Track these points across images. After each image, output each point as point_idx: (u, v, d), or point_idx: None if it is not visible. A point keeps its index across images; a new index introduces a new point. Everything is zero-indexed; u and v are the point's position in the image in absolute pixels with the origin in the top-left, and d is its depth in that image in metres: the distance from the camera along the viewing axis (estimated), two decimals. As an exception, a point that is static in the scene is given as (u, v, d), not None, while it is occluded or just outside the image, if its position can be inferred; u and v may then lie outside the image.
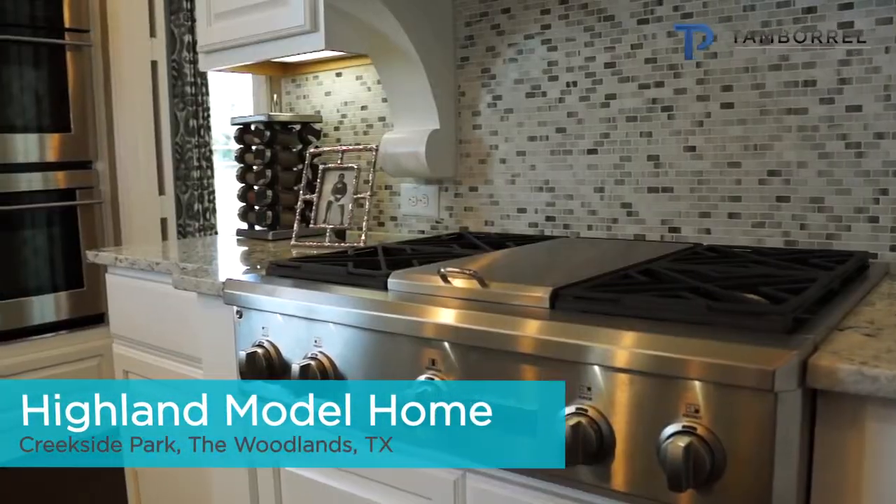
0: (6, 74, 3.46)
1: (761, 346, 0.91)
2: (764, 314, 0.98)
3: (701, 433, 0.92)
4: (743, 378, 0.89)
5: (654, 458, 0.96)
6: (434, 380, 1.16)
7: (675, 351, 0.94)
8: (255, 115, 2.41)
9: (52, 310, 3.67)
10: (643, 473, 0.98)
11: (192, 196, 4.01)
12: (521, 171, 2.05)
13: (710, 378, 0.92)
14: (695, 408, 0.93)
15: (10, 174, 3.48)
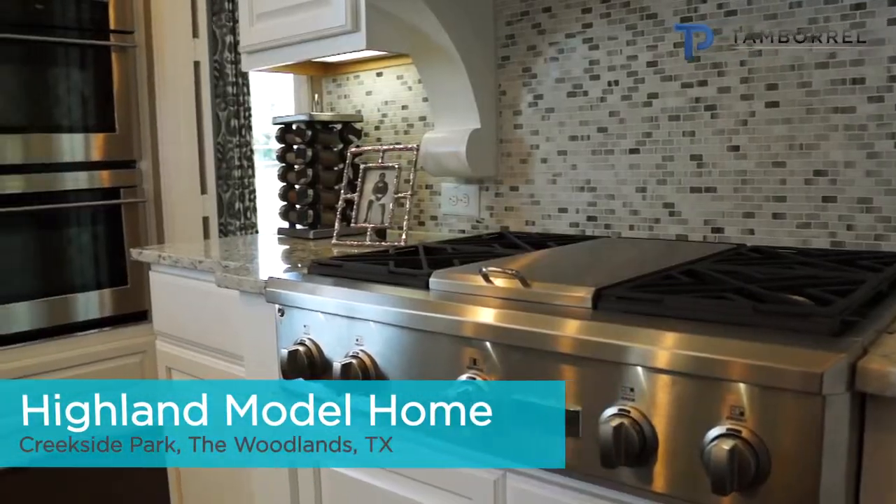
0: (53, 76, 3.52)
1: (808, 348, 0.89)
2: (811, 316, 0.97)
3: (745, 436, 0.91)
4: (789, 381, 0.88)
5: (697, 461, 0.95)
6: (475, 379, 1.16)
7: (720, 352, 0.93)
8: (297, 114, 2.43)
9: (96, 307, 3.72)
10: (686, 476, 0.97)
11: (234, 195, 4.05)
12: (563, 171, 2.04)
13: (756, 380, 0.91)
14: (739, 410, 0.92)
15: (56, 173, 3.55)
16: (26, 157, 3.46)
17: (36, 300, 3.55)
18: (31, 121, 3.47)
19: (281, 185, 2.47)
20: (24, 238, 3.48)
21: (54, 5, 3.48)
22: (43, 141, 3.51)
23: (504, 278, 1.24)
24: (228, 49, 4.01)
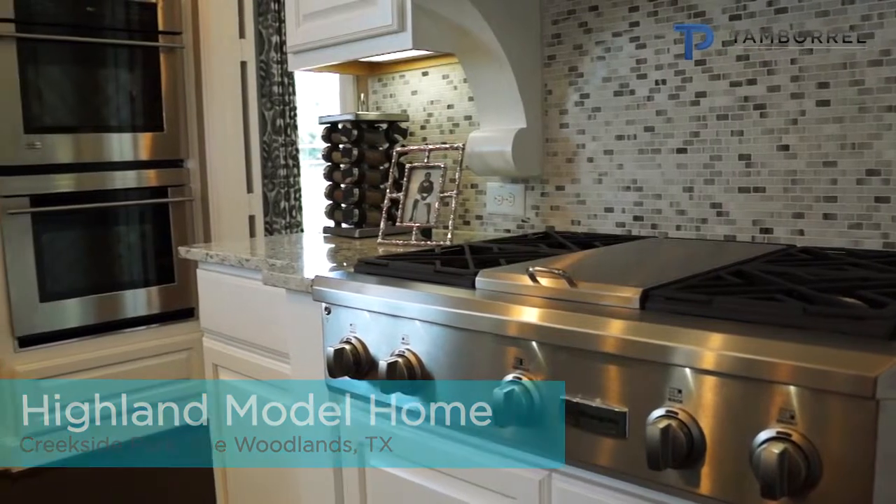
0: (103, 76, 3.58)
1: (861, 351, 0.88)
2: (864, 318, 0.95)
3: (796, 440, 0.90)
4: (842, 384, 0.86)
5: (745, 464, 0.94)
6: (521, 379, 1.16)
7: (771, 355, 0.92)
8: (343, 114, 2.44)
9: (144, 304, 3.79)
10: (734, 479, 0.96)
11: (279, 194, 4.09)
12: (609, 171, 2.03)
13: (807, 383, 0.89)
14: (790, 414, 0.91)
15: (105, 172, 3.61)
16: (77, 157, 3.54)
17: (86, 297, 3.62)
18: (81, 121, 3.55)
19: (327, 183, 2.49)
20: (74, 236, 3.55)
21: (104, 7, 3.55)
22: (93, 141, 3.58)
23: (551, 278, 1.23)
24: (274, 49, 4.05)
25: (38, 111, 3.42)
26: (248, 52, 3.95)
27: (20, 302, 3.40)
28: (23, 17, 3.34)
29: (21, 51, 3.34)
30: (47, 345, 3.50)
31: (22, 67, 3.35)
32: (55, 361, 3.50)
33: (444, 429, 1.36)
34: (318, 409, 1.66)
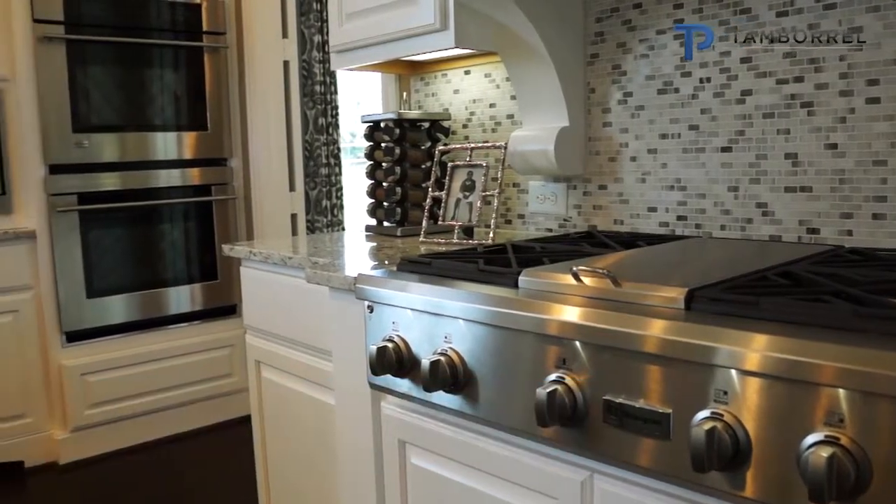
0: (148, 76, 3.63)
1: (914, 353, 0.86)
2: (916, 321, 0.93)
3: (845, 444, 0.88)
4: (892, 387, 0.85)
5: (793, 468, 0.92)
6: (564, 379, 1.16)
7: (819, 357, 0.90)
8: (385, 112, 2.45)
9: (187, 300, 3.84)
10: (780, 483, 0.94)
11: (321, 192, 4.11)
12: (652, 170, 2.01)
13: (857, 387, 0.88)
14: (839, 417, 0.89)
15: (150, 171, 3.67)
16: (123, 156, 3.60)
17: (131, 293, 3.68)
18: (127, 120, 3.60)
19: (369, 182, 2.50)
20: (120, 234, 3.61)
21: (150, 9, 3.60)
22: (138, 140, 3.64)
23: (595, 278, 1.23)
24: (316, 48, 4.07)
25: (85, 111, 3.48)
26: (291, 52, 3.99)
27: (68, 298, 3.46)
28: (72, 19, 3.40)
29: (70, 52, 3.41)
30: (93, 340, 3.57)
31: (71, 68, 3.42)
32: (101, 356, 3.56)
33: (485, 428, 1.37)
34: (360, 406, 1.67)
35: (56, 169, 3.43)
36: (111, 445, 3.60)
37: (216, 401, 3.87)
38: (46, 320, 3.43)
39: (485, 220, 2.15)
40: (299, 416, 2.09)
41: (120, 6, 3.54)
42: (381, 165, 2.44)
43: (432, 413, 1.47)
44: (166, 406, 3.74)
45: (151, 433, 3.71)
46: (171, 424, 3.77)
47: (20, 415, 3.39)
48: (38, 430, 3.45)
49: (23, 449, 3.42)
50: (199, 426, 3.84)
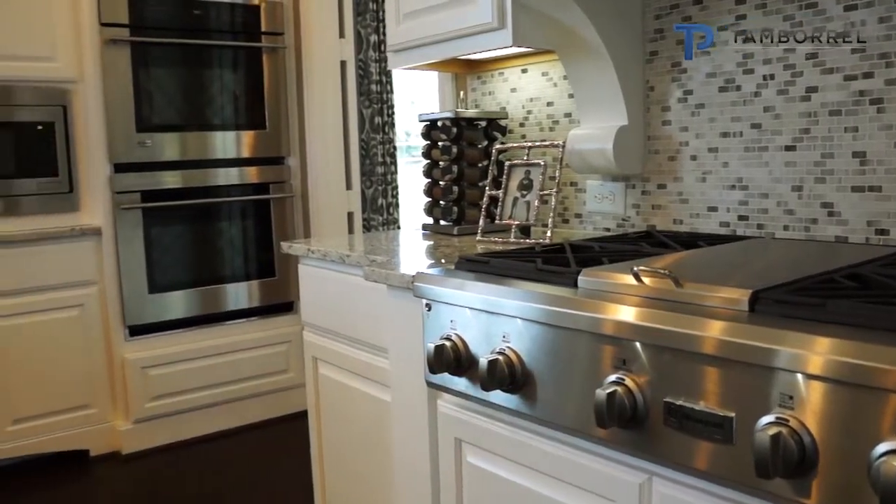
0: (208, 77, 3.69)
1: None
2: None
3: (919, 453, 0.86)
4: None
5: (862, 477, 0.90)
6: (624, 380, 1.14)
7: (890, 362, 0.88)
8: (442, 111, 2.45)
9: (245, 297, 3.89)
10: (849, 492, 0.92)
11: (377, 191, 4.14)
12: (713, 169, 1.98)
13: (929, 393, 0.85)
14: (911, 424, 0.87)
15: (210, 169, 3.73)
16: (183, 154, 3.66)
17: (191, 289, 3.74)
18: (188, 120, 3.67)
19: (426, 181, 2.51)
20: (180, 230, 3.68)
21: (210, 10, 3.66)
22: (199, 139, 3.70)
23: (656, 278, 1.21)
24: (373, 48, 4.09)
25: (148, 111, 3.55)
26: (348, 52, 4.01)
27: (131, 293, 3.54)
28: (136, 21, 3.48)
29: (134, 54, 3.48)
30: (155, 334, 3.64)
31: (135, 70, 3.49)
32: (162, 351, 3.63)
33: (542, 428, 1.36)
34: (417, 404, 1.68)
35: (120, 168, 3.50)
36: (171, 437, 3.67)
37: (273, 396, 3.92)
38: (110, 315, 3.51)
39: (542, 220, 2.14)
40: (355, 413, 2.10)
41: (181, 9, 3.60)
42: (438, 164, 2.44)
43: (489, 412, 1.47)
44: (224, 400, 3.79)
45: (209, 426, 3.77)
46: (228, 418, 3.82)
47: (85, 405, 3.48)
48: (102, 420, 3.53)
49: (88, 438, 3.50)
50: (255, 420, 3.89)
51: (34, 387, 3.35)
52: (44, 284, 3.35)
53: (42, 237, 3.32)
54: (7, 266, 3.25)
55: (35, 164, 3.37)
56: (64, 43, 3.39)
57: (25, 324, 3.32)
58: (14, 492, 3.21)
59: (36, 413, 3.37)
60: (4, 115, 3.29)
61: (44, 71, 3.36)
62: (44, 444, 3.40)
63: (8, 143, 3.31)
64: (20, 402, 3.33)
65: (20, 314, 3.30)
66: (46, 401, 3.39)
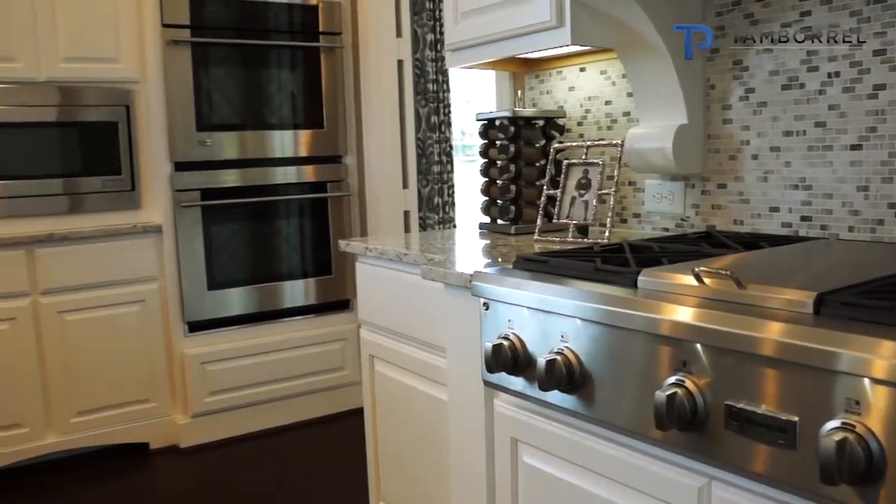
0: (266, 77, 3.74)
1: None
2: None
3: None
4: None
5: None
6: (684, 382, 1.13)
7: (963, 367, 0.86)
8: (500, 110, 2.45)
9: (301, 294, 3.93)
10: (919, 500, 0.90)
11: (433, 190, 4.14)
12: (775, 168, 1.95)
13: None
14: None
15: (268, 168, 3.77)
16: (242, 153, 3.71)
17: (248, 286, 3.79)
18: (246, 119, 3.72)
19: (483, 180, 2.51)
20: (238, 228, 3.73)
21: (269, 11, 3.70)
22: (257, 138, 3.74)
23: (717, 279, 1.20)
24: (429, 47, 4.10)
25: (208, 110, 3.61)
26: (405, 51, 4.02)
27: (190, 290, 3.60)
28: (197, 22, 3.53)
29: (195, 54, 3.54)
30: (213, 330, 3.70)
31: (195, 70, 3.55)
32: (220, 346, 3.69)
33: (600, 429, 1.35)
34: (473, 403, 1.68)
35: (180, 166, 3.57)
36: (228, 432, 3.72)
37: (328, 393, 3.95)
38: (170, 311, 3.58)
39: (600, 219, 2.13)
40: (411, 411, 2.11)
41: (241, 9, 3.65)
42: (496, 163, 2.44)
43: (546, 412, 1.47)
44: (280, 396, 3.84)
45: (266, 422, 3.82)
46: (284, 414, 3.87)
47: (146, 399, 3.55)
48: (161, 414, 3.60)
49: (148, 431, 3.57)
50: (311, 417, 3.92)
51: (97, 380, 3.43)
52: (106, 280, 3.42)
53: (105, 234, 3.39)
54: (72, 262, 3.34)
55: (99, 162, 3.45)
56: (127, 44, 3.46)
57: (89, 318, 3.40)
58: (77, 482, 3.29)
59: (99, 406, 3.45)
60: (71, 115, 3.37)
61: (108, 72, 3.43)
62: (105, 436, 3.48)
63: (74, 142, 3.39)
64: (84, 394, 3.41)
65: (84, 309, 3.38)
66: (109, 394, 3.47)
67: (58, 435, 3.37)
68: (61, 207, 3.38)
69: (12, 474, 3.31)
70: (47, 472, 3.36)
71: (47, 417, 3.35)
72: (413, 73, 4.08)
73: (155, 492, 3.23)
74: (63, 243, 3.31)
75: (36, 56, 3.27)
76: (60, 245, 3.31)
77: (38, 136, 3.32)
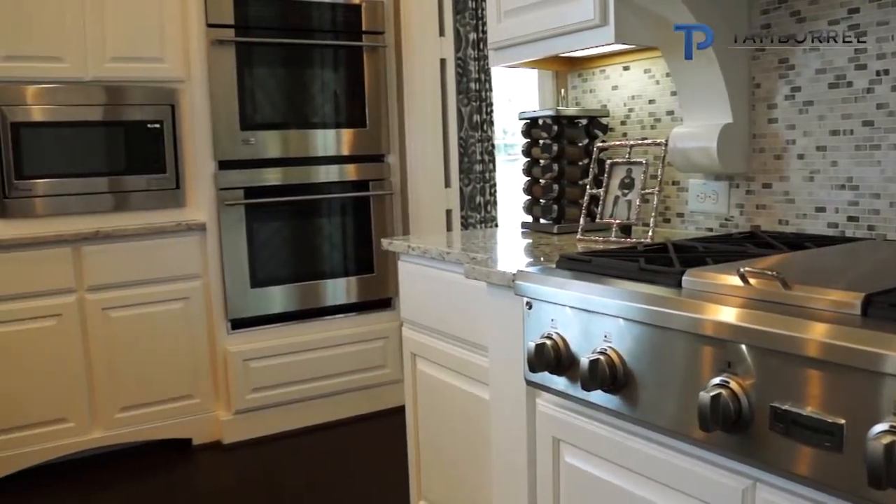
0: (309, 76, 3.77)
1: None
2: None
3: None
4: None
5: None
6: (729, 383, 1.13)
7: None
8: (543, 109, 2.44)
9: (343, 293, 3.96)
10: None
11: (475, 189, 4.15)
12: (821, 168, 1.92)
13: None
14: None
15: (310, 166, 3.80)
16: (285, 152, 3.74)
17: (290, 284, 3.83)
18: (289, 118, 3.75)
19: (525, 179, 2.51)
20: (281, 227, 3.77)
21: (312, 10, 3.73)
22: (300, 137, 3.78)
23: (763, 279, 1.19)
24: (472, 46, 4.11)
25: (251, 110, 3.65)
26: (448, 50, 4.03)
27: (234, 287, 3.64)
28: (241, 22, 3.57)
29: (239, 54, 3.58)
30: (255, 328, 3.74)
31: (239, 69, 3.59)
32: (262, 344, 3.73)
33: (643, 429, 1.35)
34: (515, 402, 1.68)
35: (224, 165, 3.61)
36: (270, 428, 3.76)
37: (369, 391, 3.97)
38: (214, 308, 3.62)
39: (643, 219, 2.12)
40: (453, 409, 2.12)
41: (284, 9, 3.69)
42: (539, 162, 2.43)
43: (588, 412, 1.47)
44: (322, 394, 3.86)
45: (307, 419, 3.85)
46: (325, 411, 3.90)
47: (189, 395, 3.60)
48: (204, 410, 3.65)
49: (191, 427, 3.63)
50: (352, 414, 3.95)
51: (141, 376, 3.48)
52: (151, 278, 3.48)
53: (150, 232, 3.45)
54: (117, 260, 3.39)
55: (144, 161, 3.50)
56: (172, 44, 3.51)
57: (134, 315, 3.45)
58: (121, 477, 3.35)
59: (143, 402, 3.51)
60: (117, 115, 3.43)
61: (153, 71, 3.49)
62: (149, 431, 3.53)
63: (119, 141, 3.45)
64: (128, 390, 3.46)
65: (129, 306, 3.44)
66: (153, 390, 3.52)
67: (103, 430, 3.44)
68: (107, 205, 3.44)
69: (58, 468, 3.38)
70: (92, 466, 3.43)
71: (92, 413, 3.41)
72: (455, 71, 4.08)
73: (198, 487, 3.28)
74: (108, 241, 3.37)
75: (84, 56, 3.34)
76: (106, 242, 3.37)
77: (85, 134, 3.39)
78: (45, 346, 3.29)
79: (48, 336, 3.29)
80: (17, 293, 3.23)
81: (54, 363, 3.31)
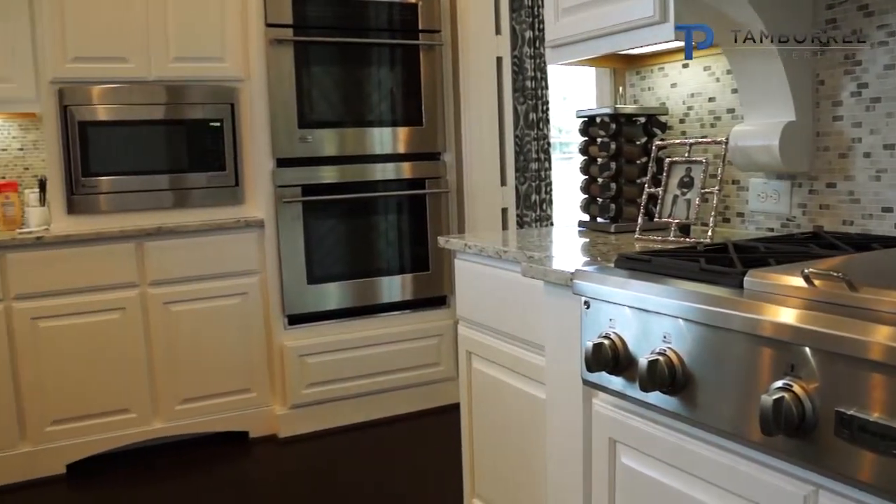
0: (366, 74, 3.80)
1: None
2: None
3: None
4: None
5: None
6: (792, 386, 1.10)
7: None
8: (600, 107, 2.43)
9: (398, 290, 3.97)
10: None
11: (530, 187, 4.14)
12: (889, 167, 1.87)
13: None
14: None
15: (367, 164, 3.83)
16: (341, 150, 3.78)
17: (346, 281, 3.86)
18: (346, 116, 3.78)
19: (583, 178, 2.49)
20: (337, 224, 3.80)
21: (369, 9, 3.76)
22: (356, 135, 3.80)
23: (828, 281, 1.16)
24: (528, 44, 4.10)
25: (309, 108, 3.69)
26: (504, 48, 4.03)
27: (291, 284, 3.68)
28: (299, 21, 3.61)
29: (297, 53, 3.62)
30: (312, 324, 3.78)
31: (297, 68, 3.63)
32: (318, 339, 3.77)
33: (701, 432, 1.33)
34: (571, 402, 1.67)
35: (282, 162, 3.65)
36: (325, 423, 3.80)
37: (423, 388, 3.99)
38: (271, 303, 3.67)
39: (702, 218, 2.09)
40: (508, 408, 2.12)
41: (341, 8, 3.72)
42: (596, 161, 2.42)
43: (646, 413, 1.45)
44: (376, 390, 3.89)
45: (362, 415, 3.88)
46: (380, 408, 3.92)
47: (246, 389, 3.66)
48: (261, 404, 3.70)
49: (247, 420, 3.68)
50: (406, 411, 3.97)
51: (201, 369, 3.55)
52: (210, 273, 3.54)
53: (210, 228, 3.51)
54: (178, 255, 3.46)
55: (205, 159, 3.57)
56: (232, 44, 3.56)
57: (193, 310, 3.52)
58: (180, 467, 3.42)
59: (202, 394, 3.57)
60: (179, 113, 3.50)
61: (214, 71, 3.55)
62: (208, 423, 3.60)
63: (181, 139, 3.52)
64: (188, 383, 3.53)
65: (189, 300, 3.51)
66: (211, 383, 3.59)
67: (163, 421, 3.51)
68: (168, 202, 3.51)
69: (121, 457, 3.46)
70: (153, 456, 3.50)
71: (153, 404, 3.49)
72: (511, 70, 4.08)
73: (254, 479, 3.32)
74: (170, 237, 3.44)
75: (147, 56, 3.41)
76: (167, 238, 3.44)
77: (148, 133, 3.46)
78: (110, 339, 3.37)
79: (112, 329, 3.37)
80: (84, 286, 3.32)
81: (118, 355, 3.39)
